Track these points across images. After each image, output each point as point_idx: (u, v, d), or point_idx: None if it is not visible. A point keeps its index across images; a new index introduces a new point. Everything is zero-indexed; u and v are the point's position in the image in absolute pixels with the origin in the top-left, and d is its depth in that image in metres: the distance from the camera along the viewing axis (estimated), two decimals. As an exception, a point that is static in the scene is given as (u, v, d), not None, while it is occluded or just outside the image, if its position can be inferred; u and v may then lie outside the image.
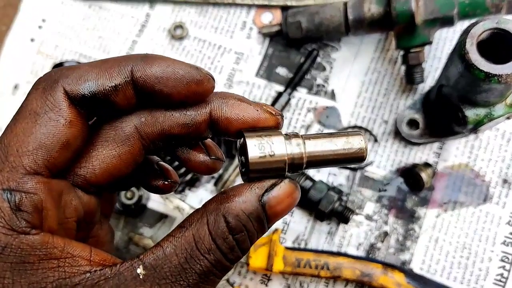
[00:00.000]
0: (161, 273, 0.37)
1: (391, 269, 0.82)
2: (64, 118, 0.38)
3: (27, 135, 0.37)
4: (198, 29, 1.00)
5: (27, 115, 0.38)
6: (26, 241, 0.35)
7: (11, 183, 0.35)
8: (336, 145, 0.44)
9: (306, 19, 0.91)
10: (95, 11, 1.02)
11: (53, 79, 0.39)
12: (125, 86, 0.40)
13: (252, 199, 0.40)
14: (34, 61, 1.00)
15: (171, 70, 0.40)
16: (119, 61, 0.40)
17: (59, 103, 0.38)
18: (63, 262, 0.36)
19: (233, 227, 0.39)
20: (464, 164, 0.90)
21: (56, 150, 0.37)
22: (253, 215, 0.39)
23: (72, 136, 0.39)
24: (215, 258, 0.38)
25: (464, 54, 0.67)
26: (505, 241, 0.86)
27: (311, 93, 0.95)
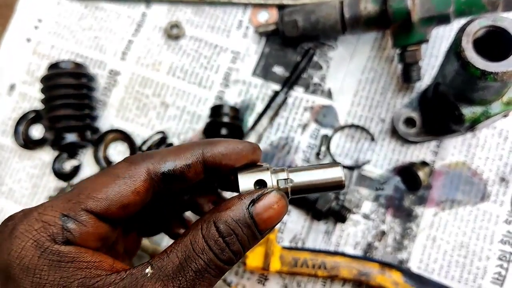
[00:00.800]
0: (165, 271, 0.44)
1: (389, 268, 0.82)
2: (135, 187, 0.48)
3: (102, 187, 0.47)
4: (195, 28, 1.00)
5: (110, 174, 0.48)
6: (64, 248, 0.44)
7: (71, 211, 0.45)
8: (317, 177, 0.51)
9: (302, 18, 0.90)
10: (91, 11, 1.02)
11: (141, 158, 0.50)
12: (196, 164, 0.50)
13: (240, 208, 0.47)
14: (30, 61, 1.00)
15: (232, 147, 0.51)
16: (192, 146, 0.51)
17: (138, 175, 0.48)
18: (91, 265, 0.44)
19: (222, 231, 0.45)
20: (462, 163, 0.89)
21: (116, 206, 0.47)
22: (241, 221, 0.46)
23: (132, 202, 0.48)
24: (208, 258, 0.45)
25: (460, 52, 0.67)
26: (502, 239, 0.86)
27: (308, 92, 0.95)
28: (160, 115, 0.96)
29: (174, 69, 0.98)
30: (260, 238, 0.48)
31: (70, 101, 0.90)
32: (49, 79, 0.91)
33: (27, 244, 0.43)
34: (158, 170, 0.49)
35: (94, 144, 0.95)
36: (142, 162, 0.49)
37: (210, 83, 0.97)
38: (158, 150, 0.52)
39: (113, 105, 0.98)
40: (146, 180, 0.48)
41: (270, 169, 0.51)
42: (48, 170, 0.96)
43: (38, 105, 0.97)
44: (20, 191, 0.96)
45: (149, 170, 0.49)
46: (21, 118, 0.98)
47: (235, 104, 0.95)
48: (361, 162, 0.91)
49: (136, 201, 0.48)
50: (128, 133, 0.95)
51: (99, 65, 0.99)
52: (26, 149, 0.97)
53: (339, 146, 0.92)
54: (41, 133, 0.97)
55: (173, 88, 0.97)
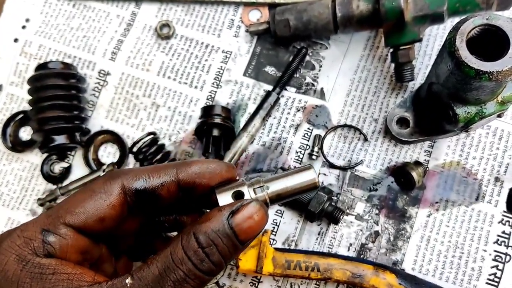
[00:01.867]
0: (144, 281, 0.45)
1: (383, 270, 0.81)
2: (110, 201, 0.50)
3: (79, 202, 0.50)
4: (185, 27, 0.98)
5: (87, 190, 0.51)
6: (45, 261, 0.46)
7: (50, 226, 0.48)
8: (292, 182, 0.54)
9: (294, 17, 0.89)
10: (79, 10, 1.00)
11: (116, 174, 0.52)
12: (170, 183, 0.52)
13: (220, 219, 0.48)
14: (17, 61, 0.98)
15: (206, 166, 0.53)
16: (167, 166, 0.53)
17: (113, 191, 0.51)
18: (72, 276, 0.46)
19: (202, 242, 0.47)
20: (456, 163, 0.88)
21: (93, 219, 0.50)
22: (220, 232, 0.47)
23: (108, 215, 0.50)
24: (187, 268, 0.46)
25: (454, 51, 0.66)
26: (497, 240, 0.85)
27: (300, 92, 0.94)
28: (151, 115, 0.95)
29: (165, 69, 0.97)
30: (241, 248, 0.49)
31: (58, 102, 0.88)
32: (37, 80, 0.89)
33: (10, 258, 0.46)
34: (131, 186, 0.51)
35: (84, 145, 0.94)
36: (117, 178, 0.52)
37: (202, 83, 0.96)
38: (133, 168, 0.55)
39: (103, 106, 0.96)
40: (120, 194, 0.51)
41: (246, 182, 0.54)
42: (37, 173, 0.95)
43: (27, 106, 0.95)
44: (8, 194, 0.94)
45: (123, 185, 0.51)
46: (9, 120, 0.96)
47: (226, 104, 0.94)
48: (354, 163, 0.90)
49: (112, 215, 0.51)
50: (118, 134, 0.94)
51: (88, 65, 0.98)
52: (14, 151, 0.95)
53: (332, 146, 0.91)
54: (30, 135, 0.96)
55: (163, 89, 0.96)
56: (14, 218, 0.94)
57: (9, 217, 0.94)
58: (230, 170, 0.55)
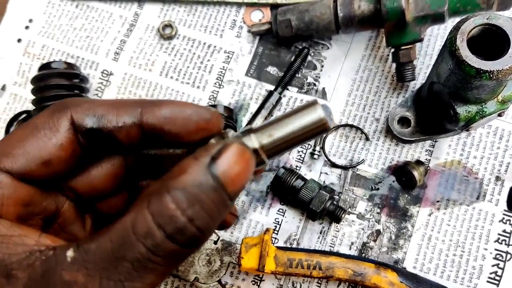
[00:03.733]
0: (91, 257, 0.35)
1: (384, 268, 0.81)
2: (57, 139, 0.40)
3: (18, 142, 0.40)
4: (188, 28, 0.99)
5: (29, 126, 0.41)
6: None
7: None
8: (293, 127, 0.40)
9: (296, 17, 0.90)
10: (82, 11, 1.01)
11: (65, 105, 0.42)
12: (130, 126, 0.41)
13: (199, 168, 0.36)
14: (21, 61, 0.99)
15: (179, 110, 0.41)
16: (130, 102, 0.42)
17: (60, 126, 0.40)
18: (8, 239, 0.36)
19: (181, 201, 0.34)
20: (457, 162, 0.89)
21: (35, 163, 0.40)
22: (204, 186, 0.35)
23: (56, 157, 0.40)
24: (153, 242, 0.34)
25: (454, 50, 0.67)
26: (498, 238, 0.86)
27: (302, 91, 0.94)
28: (153, 115, 0.95)
29: (167, 69, 0.97)
30: (230, 205, 0.37)
31: (62, 101, 0.89)
32: (40, 80, 0.90)
33: None
34: (82, 123, 0.41)
35: (87, 145, 0.94)
36: (66, 110, 0.41)
37: (204, 83, 0.96)
38: (87, 99, 0.43)
39: (106, 106, 0.97)
40: (69, 131, 0.41)
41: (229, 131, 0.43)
42: (40, 172, 0.95)
43: (30, 106, 0.96)
44: (11, 193, 0.95)
45: (72, 120, 0.41)
46: (12, 119, 0.96)
47: (228, 104, 0.95)
48: (356, 162, 0.90)
49: (61, 156, 0.41)
50: (121, 134, 0.94)
51: (91, 66, 0.98)
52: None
53: (334, 146, 0.91)
54: (33, 134, 0.96)
55: (166, 88, 0.96)
56: (17, 217, 0.94)
57: (12, 216, 0.94)
58: (214, 120, 0.42)
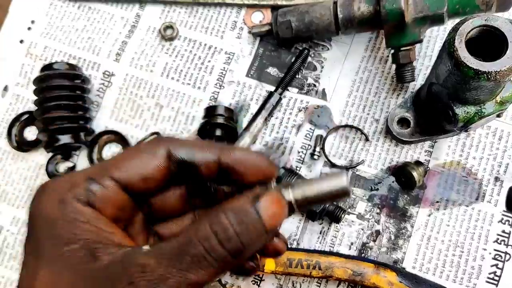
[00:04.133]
0: (161, 251, 0.44)
1: (383, 268, 0.82)
2: (155, 162, 0.50)
3: (126, 160, 0.50)
4: (189, 29, 1.00)
5: (134, 150, 0.52)
6: (83, 208, 0.47)
7: (97, 176, 0.48)
8: (321, 187, 0.50)
9: (296, 18, 0.90)
10: (84, 12, 1.01)
11: (164, 140, 0.52)
12: (212, 162, 0.51)
13: (244, 202, 0.46)
14: (23, 62, 1.00)
15: (248, 156, 0.52)
16: (211, 144, 0.53)
17: (159, 154, 0.50)
18: (102, 232, 0.46)
19: (231, 219, 0.45)
20: (456, 162, 0.89)
21: (137, 178, 0.50)
22: (249, 213, 0.45)
23: (152, 176, 0.50)
24: (209, 244, 0.44)
25: (453, 51, 0.67)
26: (497, 239, 0.86)
27: (302, 92, 0.95)
28: (155, 116, 0.96)
29: (168, 70, 0.98)
30: (266, 238, 0.47)
31: (64, 102, 0.89)
32: (43, 81, 0.90)
33: (51, 197, 0.47)
34: (176, 154, 0.51)
35: (89, 145, 0.95)
36: (164, 143, 0.52)
37: (205, 84, 0.97)
38: (179, 138, 0.54)
39: (107, 107, 0.97)
40: (165, 158, 0.51)
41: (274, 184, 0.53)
42: (42, 172, 0.96)
43: (32, 107, 0.96)
44: (13, 193, 0.96)
45: (169, 151, 0.51)
46: (14, 120, 0.97)
47: (229, 105, 0.95)
48: (356, 162, 0.91)
49: (156, 176, 0.51)
50: (122, 134, 0.95)
51: (92, 67, 0.99)
52: (19, 151, 0.97)
53: (334, 146, 0.92)
54: (35, 134, 0.97)
55: (167, 89, 0.97)
56: (19, 217, 0.95)
57: (14, 215, 0.95)
58: (272, 167, 0.54)
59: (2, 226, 0.95)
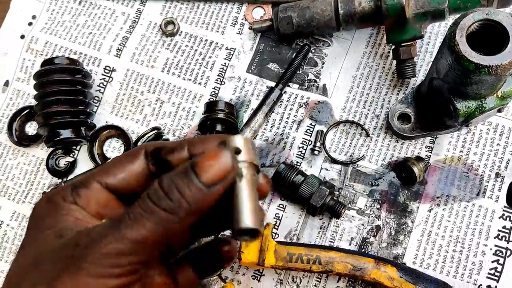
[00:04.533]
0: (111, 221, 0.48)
1: (384, 263, 0.81)
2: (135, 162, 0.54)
3: (110, 164, 0.55)
4: (190, 25, 1.00)
5: (119, 157, 0.56)
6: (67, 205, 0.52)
7: (83, 181, 0.53)
8: None
9: (297, 14, 0.90)
10: (85, 8, 1.01)
11: (142, 145, 0.57)
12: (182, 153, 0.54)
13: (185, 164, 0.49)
14: (24, 57, 1.00)
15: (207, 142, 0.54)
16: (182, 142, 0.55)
17: (138, 154, 0.55)
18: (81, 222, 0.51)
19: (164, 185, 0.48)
20: (457, 158, 0.89)
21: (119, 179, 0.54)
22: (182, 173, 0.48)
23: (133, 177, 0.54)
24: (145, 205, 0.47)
25: (454, 45, 0.67)
26: (498, 235, 0.86)
27: (303, 88, 0.95)
28: (155, 111, 0.96)
29: (169, 66, 0.98)
30: (204, 189, 0.47)
31: (64, 97, 0.89)
32: (43, 75, 0.90)
33: (43, 201, 0.54)
34: (149, 150, 0.55)
35: (89, 140, 0.95)
36: (142, 146, 0.56)
37: (205, 79, 0.97)
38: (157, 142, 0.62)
39: (108, 102, 0.97)
40: (143, 157, 0.55)
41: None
42: (42, 167, 0.96)
43: (32, 102, 0.96)
44: (14, 187, 0.96)
45: (146, 150, 0.55)
46: (15, 115, 0.97)
47: (230, 100, 0.95)
48: (356, 158, 0.90)
49: (137, 172, 0.54)
50: (123, 129, 0.95)
51: (93, 62, 0.99)
52: (20, 146, 0.96)
53: (334, 142, 0.92)
54: (35, 129, 0.97)
55: (168, 85, 0.97)
56: (19, 211, 0.95)
57: (14, 210, 0.95)
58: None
59: (2, 221, 0.95)
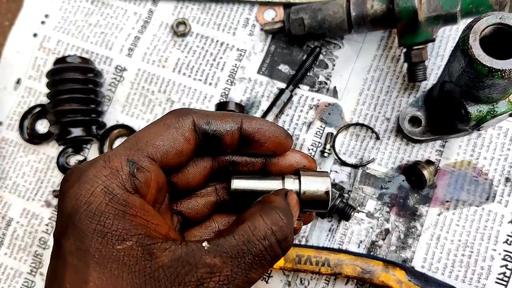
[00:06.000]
0: (223, 249, 0.43)
1: (392, 267, 0.81)
2: (185, 135, 0.50)
3: (157, 135, 0.49)
4: (201, 26, 1.00)
5: (162, 124, 0.50)
6: (131, 199, 0.44)
7: (135, 157, 0.46)
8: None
9: (308, 16, 0.91)
10: (97, 7, 1.02)
11: (186, 111, 0.52)
12: (235, 130, 0.52)
13: (282, 198, 0.50)
14: (36, 56, 1.01)
15: (268, 125, 0.53)
16: (233, 115, 0.53)
17: (186, 125, 0.50)
18: (151, 225, 0.44)
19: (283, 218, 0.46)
20: (467, 162, 0.89)
21: (172, 152, 0.49)
22: (288, 212, 0.48)
23: (185, 149, 0.50)
24: (268, 243, 0.45)
25: (467, 49, 0.67)
26: (507, 239, 0.86)
27: (313, 90, 0.95)
28: (166, 111, 0.96)
29: (180, 66, 0.98)
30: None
31: (76, 95, 0.90)
32: (56, 73, 0.91)
33: (96, 189, 0.44)
34: (201, 125, 0.51)
35: (100, 139, 0.95)
36: (188, 115, 0.51)
37: (216, 80, 0.97)
38: (202, 109, 0.55)
39: (119, 101, 0.98)
40: (192, 130, 0.51)
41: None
42: (52, 165, 0.96)
43: (44, 100, 0.97)
44: (24, 185, 0.96)
45: (194, 122, 0.51)
46: (26, 113, 0.98)
47: (240, 101, 0.96)
48: (366, 161, 0.90)
49: (188, 149, 0.50)
50: (133, 129, 0.96)
51: (105, 61, 1.00)
52: (31, 143, 0.97)
53: (344, 144, 0.92)
54: (46, 127, 0.98)
55: (179, 85, 0.97)
56: (29, 209, 0.95)
57: (24, 207, 0.95)
58: (288, 139, 0.55)
59: (12, 218, 0.95)
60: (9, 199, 0.96)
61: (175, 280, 0.42)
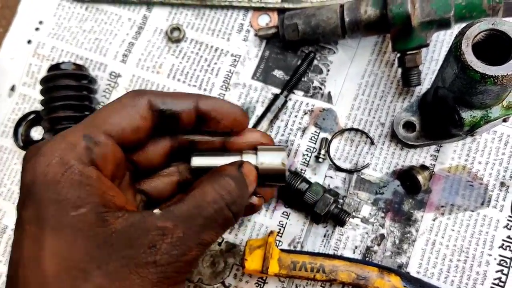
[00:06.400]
0: (174, 214, 0.46)
1: (387, 272, 0.81)
2: (141, 113, 0.51)
3: (114, 113, 0.50)
4: (195, 31, 1.00)
5: (118, 104, 0.52)
6: (87, 170, 0.46)
7: (91, 133, 0.48)
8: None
9: (302, 21, 0.90)
10: (92, 13, 1.02)
11: (142, 91, 0.54)
12: (190, 109, 0.54)
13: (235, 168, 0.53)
14: (30, 62, 1.00)
15: (224, 103, 0.57)
16: (189, 94, 0.56)
17: (142, 104, 0.52)
18: (107, 196, 0.46)
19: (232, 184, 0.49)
20: (462, 167, 0.89)
21: (128, 129, 0.50)
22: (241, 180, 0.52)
23: (141, 126, 0.52)
24: (219, 207, 0.47)
25: (459, 55, 0.67)
26: (503, 244, 0.86)
27: (308, 95, 0.95)
28: (160, 117, 0.96)
29: (175, 72, 0.98)
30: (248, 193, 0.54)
31: (70, 102, 0.90)
32: (49, 80, 0.91)
33: (52, 161, 0.45)
34: (156, 104, 0.53)
35: (94, 146, 0.95)
36: (144, 94, 0.53)
37: (211, 86, 0.97)
38: (157, 90, 0.59)
39: (113, 107, 0.98)
40: (148, 109, 0.52)
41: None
42: (47, 172, 0.96)
43: (38, 107, 0.97)
44: (18, 192, 0.96)
45: (150, 102, 0.53)
46: (21, 120, 0.98)
47: (235, 107, 0.95)
48: (361, 166, 0.90)
49: (144, 126, 0.52)
50: (127, 135, 0.95)
51: (99, 67, 0.99)
52: (25, 150, 0.97)
53: (339, 150, 0.92)
54: (41, 134, 0.97)
55: (173, 91, 0.97)
56: (24, 216, 0.95)
57: (19, 215, 0.95)
58: (244, 116, 0.59)
59: (7, 226, 0.95)
60: (4, 206, 0.96)
61: (128, 243, 0.43)
